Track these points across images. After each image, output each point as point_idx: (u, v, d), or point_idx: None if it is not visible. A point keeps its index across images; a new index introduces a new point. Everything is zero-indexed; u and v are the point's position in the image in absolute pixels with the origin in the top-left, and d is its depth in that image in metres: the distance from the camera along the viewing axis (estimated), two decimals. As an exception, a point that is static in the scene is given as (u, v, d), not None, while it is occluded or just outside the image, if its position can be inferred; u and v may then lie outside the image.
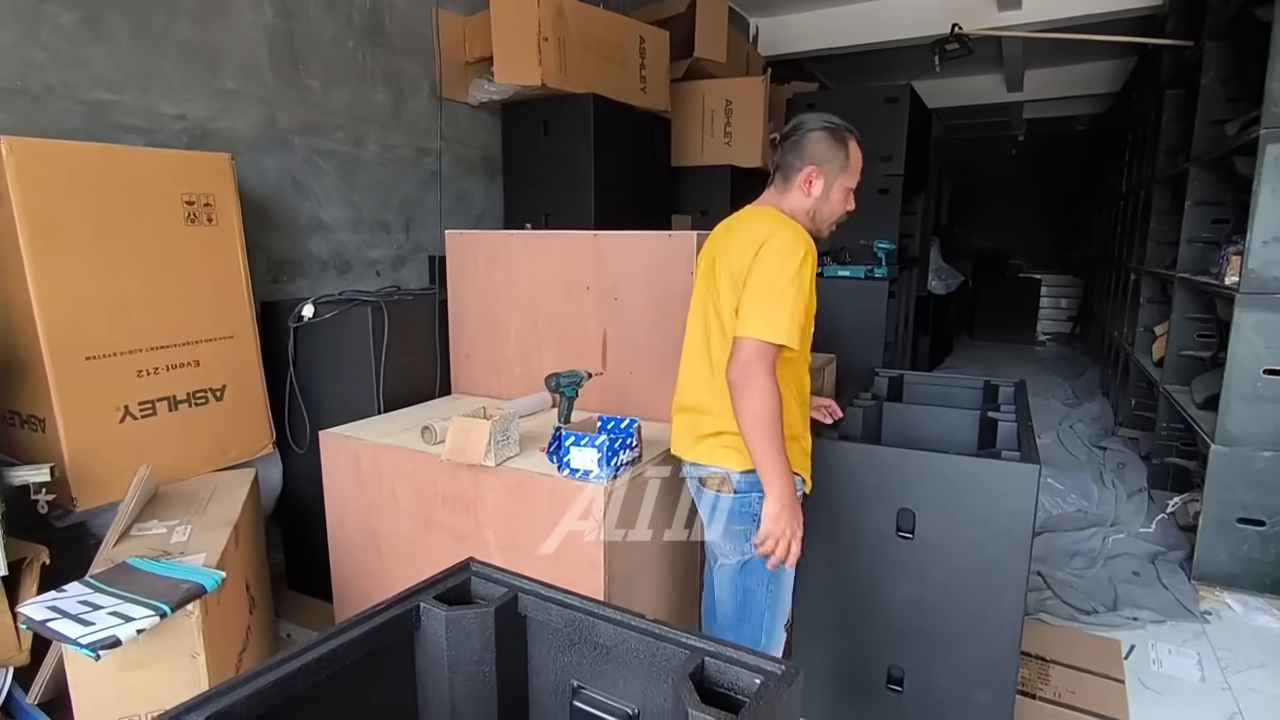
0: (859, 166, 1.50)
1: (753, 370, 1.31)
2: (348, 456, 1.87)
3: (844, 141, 1.47)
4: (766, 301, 1.32)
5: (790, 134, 1.49)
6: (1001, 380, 2.36)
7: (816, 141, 1.46)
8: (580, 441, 1.51)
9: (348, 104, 2.83)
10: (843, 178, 1.48)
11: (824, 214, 1.50)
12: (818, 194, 1.47)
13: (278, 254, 2.64)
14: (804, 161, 1.46)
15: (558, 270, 2.12)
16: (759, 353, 1.32)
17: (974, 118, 9.28)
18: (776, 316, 1.31)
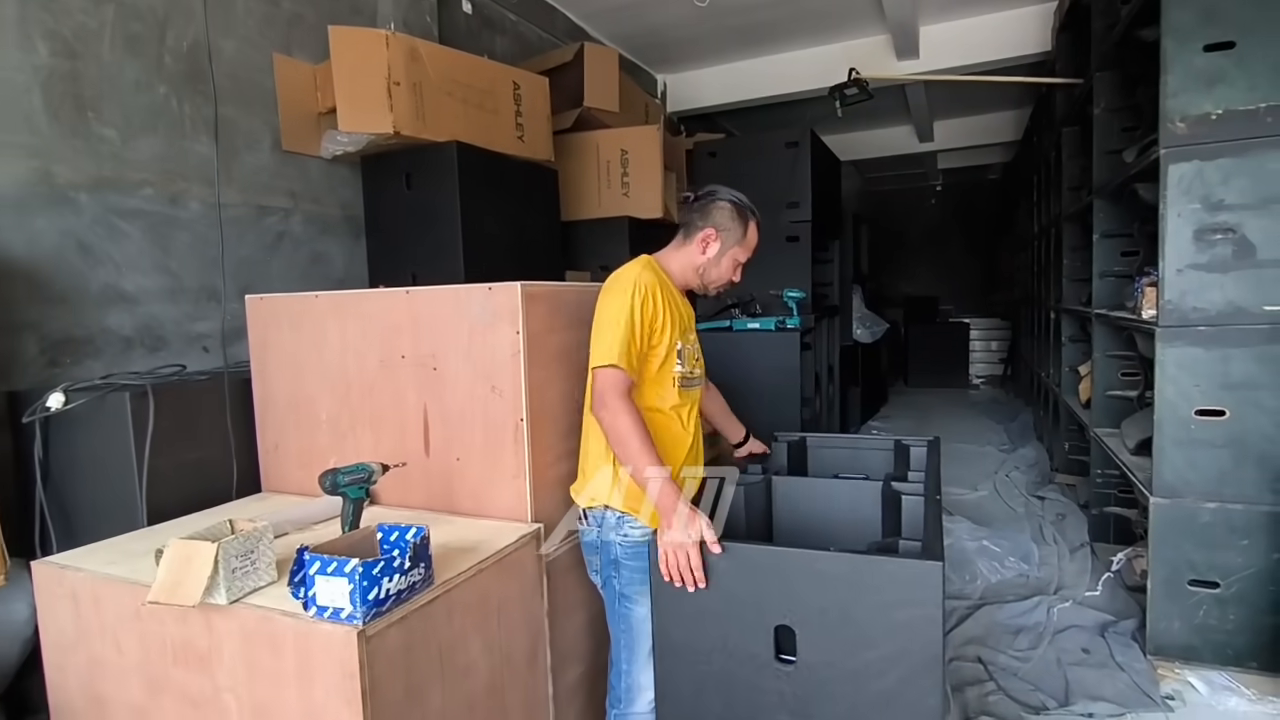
0: (753, 245, 1.71)
1: (604, 398, 1.44)
2: (64, 594, 1.41)
3: (746, 218, 1.68)
4: (600, 334, 1.49)
5: (701, 197, 1.69)
6: (914, 440, 2.05)
7: (722, 210, 1.66)
8: (327, 567, 1.10)
9: (158, 156, 2.44)
10: (736, 249, 1.67)
11: (712, 275, 1.68)
12: (711, 255, 1.65)
13: (56, 332, 2.18)
14: (707, 224, 1.65)
15: (369, 337, 1.73)
16: (601, 379, 1.46)
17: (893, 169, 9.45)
18: (610, 343, 1.45)
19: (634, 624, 1.51)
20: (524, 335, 1.54)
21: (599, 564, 1.59)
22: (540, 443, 1.60)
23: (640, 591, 1.48)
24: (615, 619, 1.56)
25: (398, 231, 3.06)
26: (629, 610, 1.52)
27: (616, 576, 1.53)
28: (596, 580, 1.64)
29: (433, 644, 1.23)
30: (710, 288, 1.71)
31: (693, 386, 1.64)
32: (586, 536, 1.61)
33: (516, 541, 1.47)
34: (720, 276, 1.68)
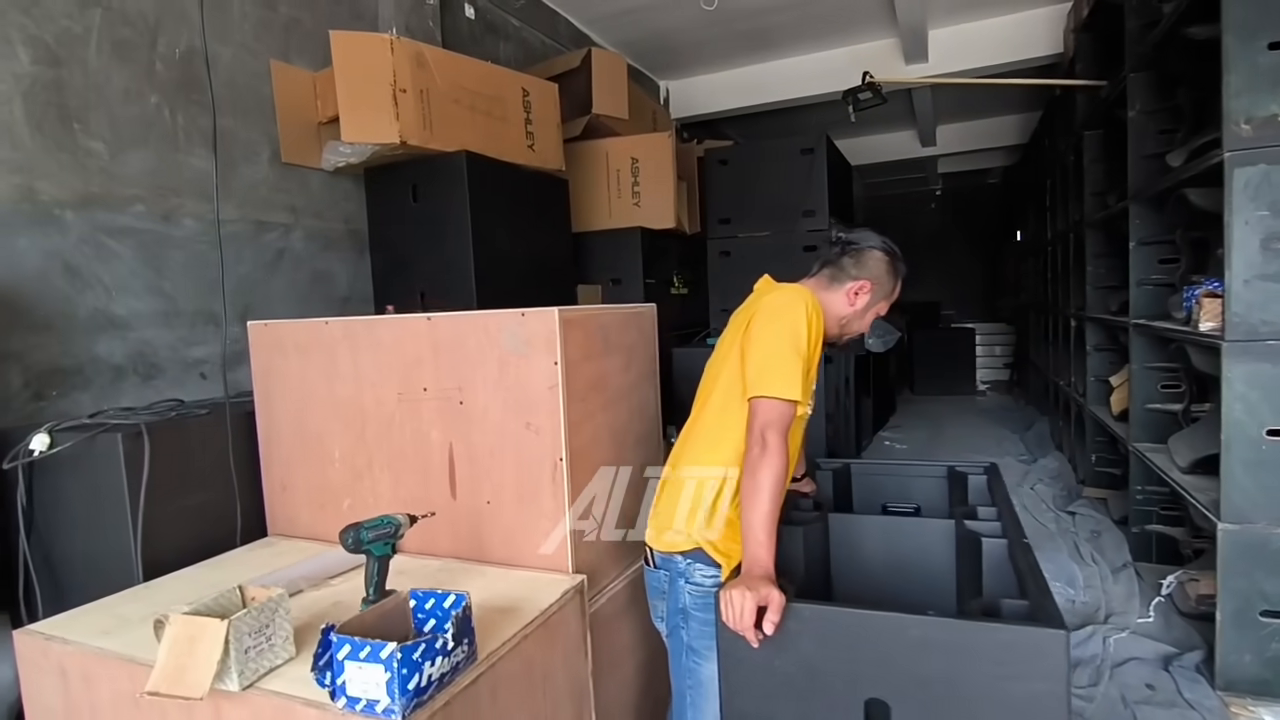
0: (895, 299, 1.61)
1: (766, 436, 1.27)
2: (50, 668, 1.25)
3: (898, 274, 1.55)
4: (775, 360, 1.32)
5: (855, 242, 1.54)
6: (969, 466, 1.91)
7: (878, 261, 1.52)
8: (359, 652, 0.94)
9: (149, 171, 2.28)
10: (881, 304, 1.56)
11: (853, 328, 1.56)
12: (859, 307, 1.53)
13: (41, 362, 2.01)
14: (862, 274, 1.51)
15: (387, 367, 1.58)
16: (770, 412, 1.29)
17: (892, 174, 9.37)
18: (790, 373, 1.31)
19: (703, 681, 1.36)
20: (562, 366, 1.39)
21: (664, 611, 1.44)
22: (580, 484, 1.45)
23: (710, 647, 1.33)
24: (681, 672, 1.41)
25: (404, 247, 2.90)
26: (697, 666, 1.37)
27: (685, 627, 1.38)
28: (661, 628, 1.48)
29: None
30: (844, 339, 1.58)
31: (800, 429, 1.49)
32: (652, 580, 1.46)
33: (560, 599, 1.32)
34: (857, 331, 1.57)
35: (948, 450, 5.50)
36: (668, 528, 1.40)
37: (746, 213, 4.00)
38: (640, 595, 1.69)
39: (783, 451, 1.26)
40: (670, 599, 1.40)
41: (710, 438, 1.40)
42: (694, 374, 2.16)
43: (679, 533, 1.38)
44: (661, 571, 1.41)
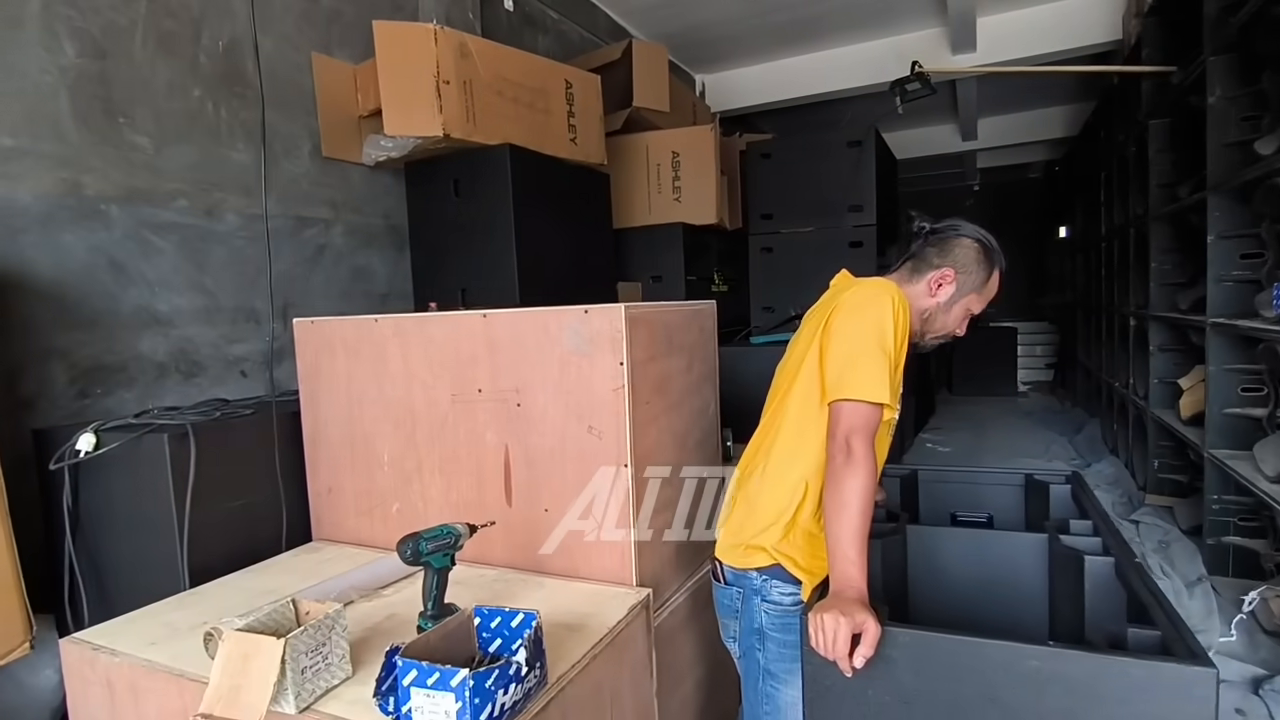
0: (992, 295, 1.40)
1: (852, 443, 1.16)
2: (96, 680, 1.19)
3: (992, 262, 1.39)
4: (859, 359, 1.21)
5: (941, 230, 1.41)
6: (1049, 474, 1.79)
7: (966, 249, 1.37)
8: (427, 678, 0.86)
9: (192, 165, 2.24)
10: (972, 297, 1.38)
11: (937, 324, 1.39)
12: (943, 300, 1.37)
13: (86, 359, 1.98)
14: (945, 262, 1.37)
15: (439, 367, 1.50)
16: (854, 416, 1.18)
17: (928, 169, 9.14)
18: (874, 373, 1.19)
19: (781, 707, 1.26)
20: (628, 366, 1.30)
21: (737, 630, 1.34)
22: (644, 490, 1.36)
23: (790, 670, 1.24)
24: (758, 698, 1.31)
25: (445, 243, 2.84)
26: (775, 691, 1.27)
27: (761, 649, 1.28)
28: (733, 649, 1.38)
29: (546, 759, 0.99)
30: (929, 339, 1.41)
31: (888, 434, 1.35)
32: (723, 598, 1.36)
33: (628, 615, 1.23)
34: (945, 326, 1.40)
35: (993, 454, 5.32)
36: (741, 542, 1.29)
37: (790, 208, 3.89)
38: (700, 608, 1.60)
39: (870, 460, 1.15)
40: (744, 618, 1.30)
41: (788, 445, 1.29)
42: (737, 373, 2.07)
43: (755, 547, 1.27)
44: (734, 588, 1.31)
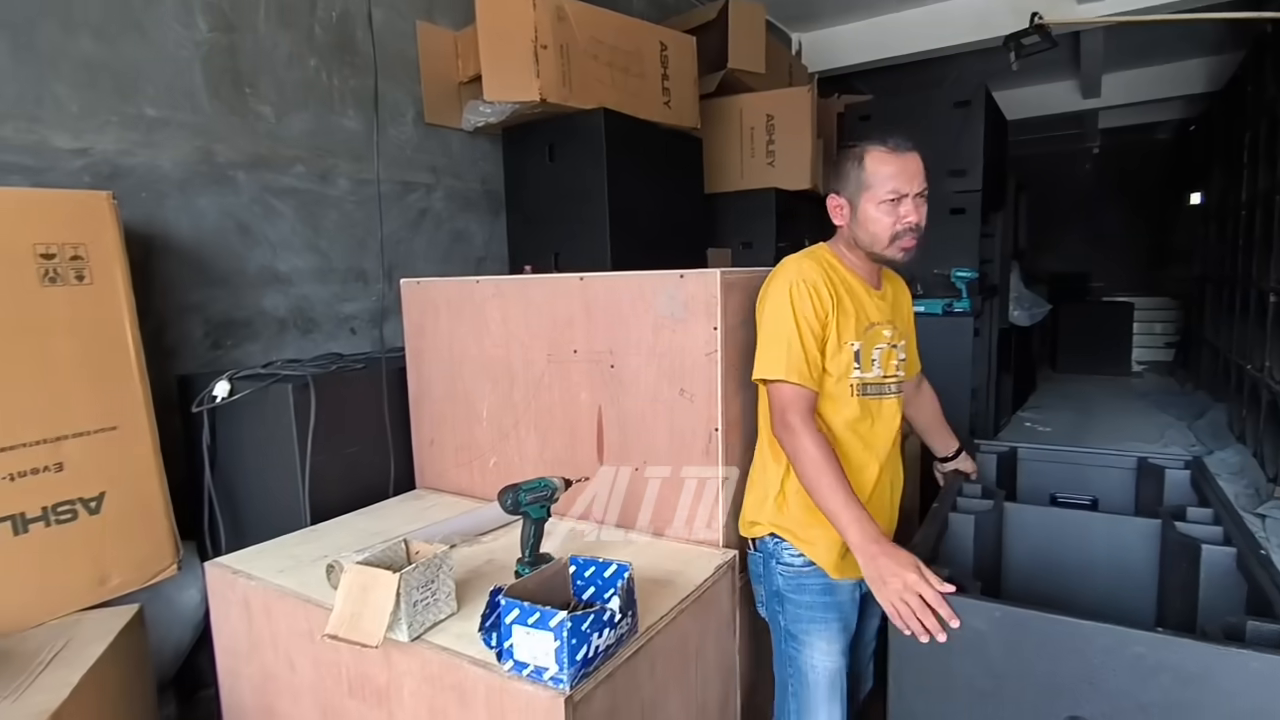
0: (884, 176, 1.31)
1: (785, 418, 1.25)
2: (236, 600, 1.33)
3: (855, 159, 1.36)
4: (767, 343, 1.29)
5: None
6: (1166, 458, 1.68)
7: (833, 169, 1.43)
8: (528, 618, 0.92)
9: (308, 132, 2.38)
10: (865, 197, 1.33)
11: (866, 238, 1.35)
12: (848, 220, 1.39)
13: (218, 314, 2.16)
14: (830, 189, 1.42)
15: (536, 328, 1.56)
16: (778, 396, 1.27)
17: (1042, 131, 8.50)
18: (779, 354, 1.26)
19: (802, 669, 1.30)
20: (722, 331, 1.31)
21: (764, 595, 1.39)
22: (734, 455, 1.38)
23: (808, 631, 1.29)
24: (781, 661, 1.36)
25: (539, 207, 2.90)
26: (796, 652, 1.31)
27: (781, 611, 1.33)
28: (764, 614, 1.43)
29: (635, 703, 1.05)
30: (883, 251, 1.34)
31: (884, 395, 1.37)
32: (753, 565, 1.42)
33: (714, 574, 1.27)
34: (879, 233, 1.32)
35: (1099, 436, 5.01)
36: (748, 518, 1.39)
37: (889, 172, 3.73)
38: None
39: (808, 428, 1.23)
40: (765, 582, 1.35)
41: (767, 424, 1.34)
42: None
43: (755, 521, 1.36)
44: (758, 554, 1.37)
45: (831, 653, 1.30)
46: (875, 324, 1.35)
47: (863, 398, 1.32)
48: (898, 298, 1.46)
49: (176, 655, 1.88)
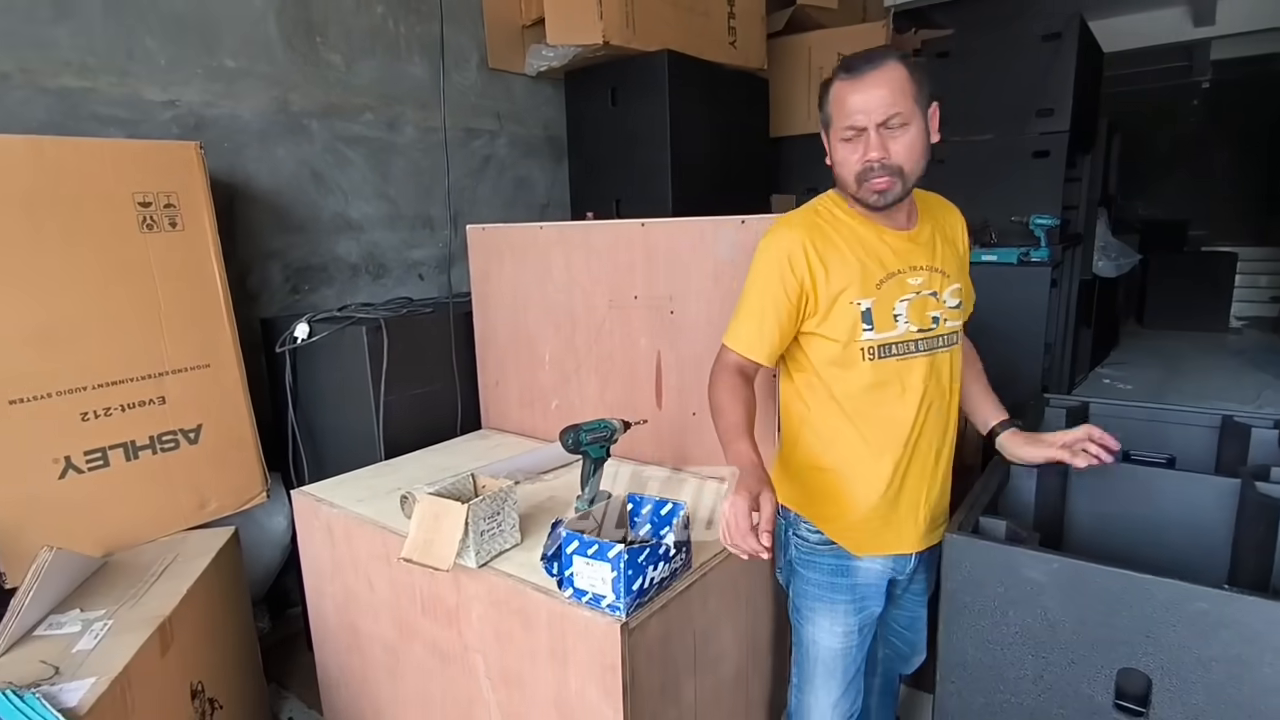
0: (843, 110, 1.12)
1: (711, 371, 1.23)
2: (320, 526, 1.44)
3: (825, 91, 1.19)
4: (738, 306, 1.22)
5: None
6: (1253, 417, 1.60)
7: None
8: (588, 549, 0.97)
9: (377, 80, 2.42)
10: (832, 132, 1.17)
11: (840, 180, 1.18)
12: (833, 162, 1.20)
13: (297, 259, 2.27)
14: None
15: (598, 274, 1.58)
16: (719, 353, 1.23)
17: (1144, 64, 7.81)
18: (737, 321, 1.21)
19: (804, 641, 1.26)
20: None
21: (781, 561, 1.33)
22: (790, 403, 1.38)
23: (812, 608, 1.23)
24: (791, 628, 1.32)
25: (601, 152, 2.89)
26: (800, 625, 1.26)
27: (791, 582, 1.28)
28: (780, 579, 1.35)
29: (688, 633, 1.10)
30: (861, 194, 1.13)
31: (907, 355, 1.17)
32: (777, 530, 1.30)
33: (768, 517, 1.29)
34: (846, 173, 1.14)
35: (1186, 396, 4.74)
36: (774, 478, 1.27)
37: (967, 113, 3.51)
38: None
39: (720, 382, 1.19)
40: (783, 549, 1.30)
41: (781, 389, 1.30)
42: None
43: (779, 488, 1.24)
44: (781, 520, 1.29)
45: (834, 633, 1.23)
46: (896, 273, 1.16)
47: (880, 360, 1.15)
48: (942, 233, 1.23)
49: (267, 575, 2.06)
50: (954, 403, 1.25)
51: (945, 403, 1.22)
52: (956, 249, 1.25)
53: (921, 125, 1.10)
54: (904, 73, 1.08)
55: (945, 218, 1.27)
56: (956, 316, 1.22)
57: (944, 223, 1.25)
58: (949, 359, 1.22)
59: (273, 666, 1.97)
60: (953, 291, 1.20)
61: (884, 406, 1.17)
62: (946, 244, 1.22)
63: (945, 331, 1.20)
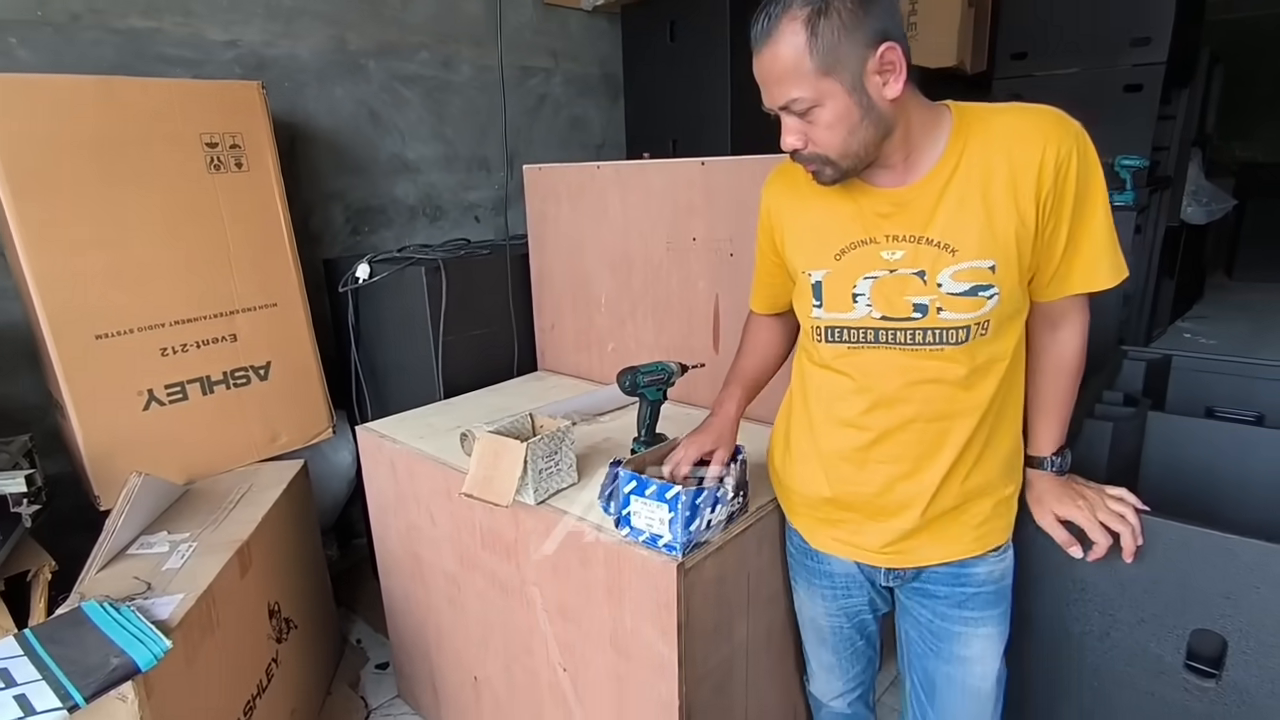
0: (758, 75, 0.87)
1: None
2: (384, 461, 1.49)
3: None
4: None
5: None
6: (1358, 374, 1.48)
7: None
8: (645, 490, 0.97)
9: (432, 17, 2.38)
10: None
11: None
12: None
13: (356, 201, 2.30)
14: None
15: (656, 215, 1.55)
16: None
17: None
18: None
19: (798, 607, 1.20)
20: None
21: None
22: (852, 350, 1.34)
23: (792, 571, 1.17)
24: None
25: (658, 91, 2.80)
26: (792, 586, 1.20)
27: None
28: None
29: (743, 575, 1.10)
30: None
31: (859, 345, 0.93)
32: None
33: (825, 465, 1.27)
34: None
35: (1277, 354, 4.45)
36: None
37: (1051, 43, 3.27)
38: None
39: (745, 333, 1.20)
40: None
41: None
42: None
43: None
44: None
45: (812, 603, 1.14)
46: (863, 242, 0.91)
47: (832, 344, 0.96)
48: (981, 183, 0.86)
49: (334, 506, 2.16)
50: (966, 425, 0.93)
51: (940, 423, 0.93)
52: (1008, 205, 0.85)
53: (842, 99, 0.82)
54: (800, 40, 0.79)
55: (1011, 152, 0.85)
56: (970, 307, 0.87)
57: (996, 165, 0.85)
58: (954, 364, 0.90)
59: (341, 592, 2.09)
60: (961, 273, 0.86)
61: (835, 401, 0.98)
62: (982, 200, 0.85)
63: (940, 325, 0.88)
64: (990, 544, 1.00)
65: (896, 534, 0.98)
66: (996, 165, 0.85)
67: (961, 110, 0.89)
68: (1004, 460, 0.99)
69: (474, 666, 1.43)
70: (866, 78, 0.81)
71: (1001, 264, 0.86)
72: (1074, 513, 0.99)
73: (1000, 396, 0.94)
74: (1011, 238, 0.86)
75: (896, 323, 0.90)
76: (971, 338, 0.89)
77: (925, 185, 0.88)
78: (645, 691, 1.07)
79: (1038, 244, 0.87)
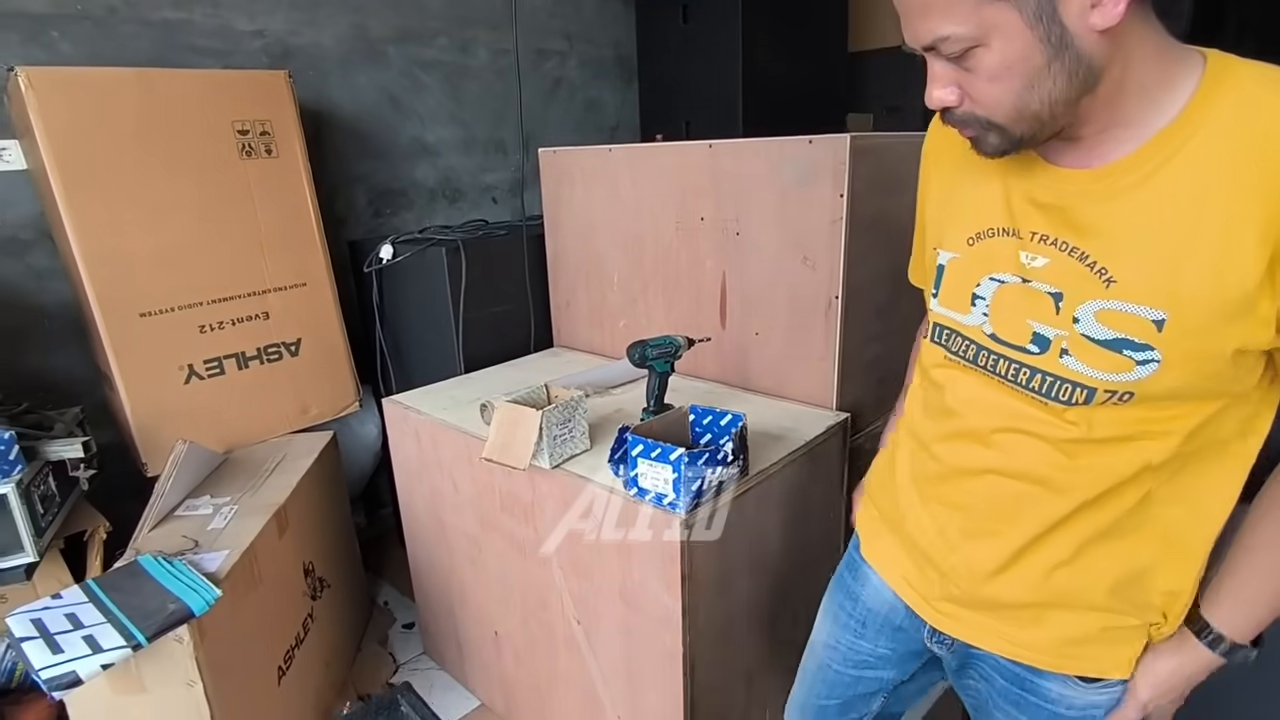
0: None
1: None
2: (409, 431, 1.58)
3: None
4: None
5: None
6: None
7: None
8: (651, 452, 1.05)
9: (449, 3, 2.44)
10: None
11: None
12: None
13: (379, 184, 2.38)
14: None
15: (665, 195, 1.61)
16: None
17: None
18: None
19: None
20: (848, 199, 1.30)
21: None
22: (852, 323, 1.40)
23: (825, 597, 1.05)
24: None
25: (671, 73, 2.84)
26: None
27: None
28: None
29: (743, 532, 1.18)
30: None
31: (955, 360, 0.75)
32: None
33: (826, 432, 1.34)
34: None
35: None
36: None
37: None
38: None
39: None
40: None
41: None
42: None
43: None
44: None
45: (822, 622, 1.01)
46: (1004, 231, 0.69)
47: (938, 346, 0.77)
48: (1217, 186, 0.56)
49: (362, 476, 2.26)
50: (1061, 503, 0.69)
51: (1020, 484, 0.71)
52: (1236, 239, 0.55)
53: (1019, 34, 0.55)
54: None
55: (1275, 159, 0.54)
56: (1108, 366, 0.62)
57: (1243, 172, 0.55)
58: (1061, 420, 0.67)
59: (369, 558, 2.20)
60: (1109, 315, 0.61)
61: (924, 413, 0.82)
62: (1194, 219, 0.57)
63: (1057, 373, 0.65)
64: (1080, 669, 0.74)
65: (947, 595, 0.79)
66: (1244, 172, 0.55)
67: (1224, 67, 0.57)
68: (1132, 579, 0.70)
69: (495, 622, 1.53)
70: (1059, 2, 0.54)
71: (1177, 320, 0.58)
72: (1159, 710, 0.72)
73: (1141, 488, 0.66)
74: (1213, 288, 0.56)
75: (1006, 349, 0.69)
76: (1095, 403, 0.64)
77: (1118, 172, 0.61)
78: (652, 642, 1.15)
79: (1264, 312, 0.56)
